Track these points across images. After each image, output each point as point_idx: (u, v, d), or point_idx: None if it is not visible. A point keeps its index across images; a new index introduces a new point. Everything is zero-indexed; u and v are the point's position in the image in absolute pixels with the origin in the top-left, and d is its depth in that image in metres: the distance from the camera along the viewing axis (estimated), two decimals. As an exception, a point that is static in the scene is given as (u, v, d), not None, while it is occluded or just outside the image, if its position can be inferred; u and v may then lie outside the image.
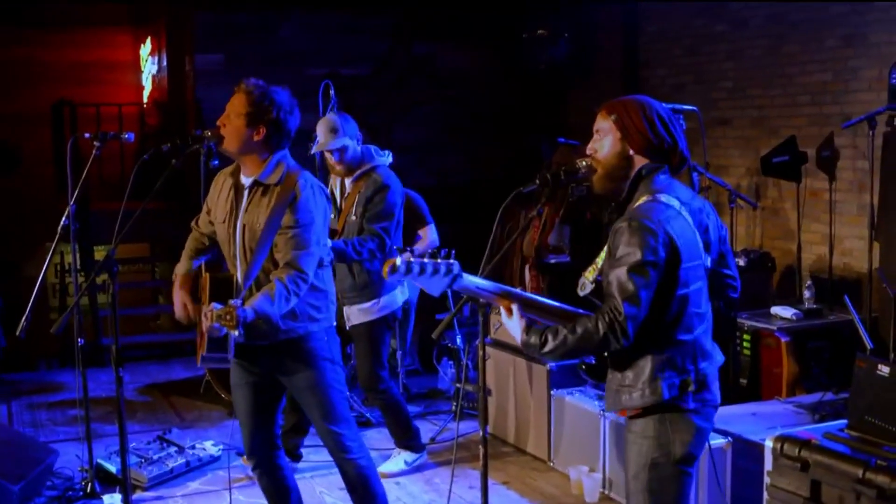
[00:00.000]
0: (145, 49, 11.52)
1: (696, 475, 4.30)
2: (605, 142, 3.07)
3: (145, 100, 11.48)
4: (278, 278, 3.68)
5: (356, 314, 5.38)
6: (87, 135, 5.06)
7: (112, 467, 5.33)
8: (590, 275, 3.08)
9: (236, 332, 3.50)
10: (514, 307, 3.05)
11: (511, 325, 3.06)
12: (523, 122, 10.26)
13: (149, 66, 11.42)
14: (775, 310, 6.10)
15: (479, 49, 10.26)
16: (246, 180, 3.86)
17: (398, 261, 2.79)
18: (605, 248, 3.04)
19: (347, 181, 5.40)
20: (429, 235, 6.72)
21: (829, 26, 7.10)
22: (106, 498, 5.02)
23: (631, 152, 3.03)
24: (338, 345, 4.09)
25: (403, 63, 10.14)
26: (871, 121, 5.74)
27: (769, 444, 4.06)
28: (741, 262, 6.70)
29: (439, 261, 2.84)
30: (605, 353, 3.07)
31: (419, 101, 10.19)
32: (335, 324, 4.08)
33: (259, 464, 4.11)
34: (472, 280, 2.98)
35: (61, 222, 4.89)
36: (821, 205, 7.11)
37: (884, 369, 4.00)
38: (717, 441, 4.48)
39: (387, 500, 4.24)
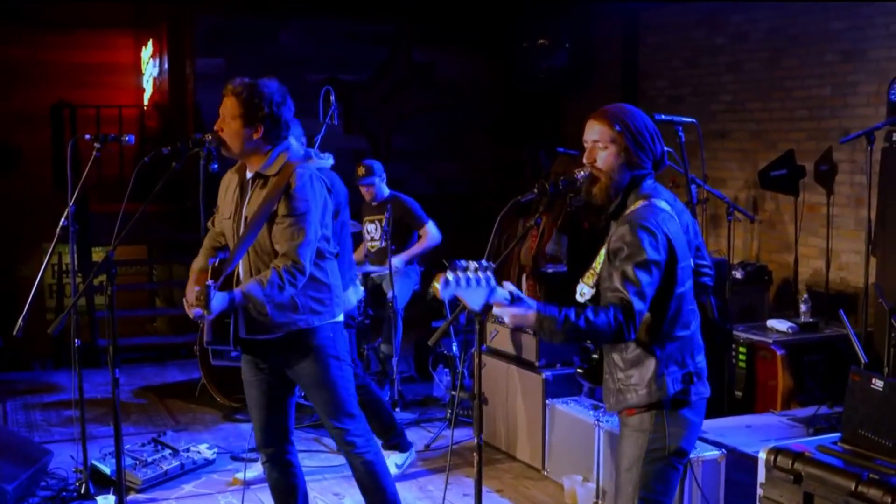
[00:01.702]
0: (146, 51, 11.53)
1: (688, 476, 4.33)
2: (606, 154, 3.10)
3: (145, 102, 11.49)
4: (274, 266, 3.72)
5: None
6: (87, 136, 5.06)
7: (106, 469, 5.33)
8: (588, 280, 3.16)
9: (208, 313, 3.54)
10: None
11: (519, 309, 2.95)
12: (521, 131, 10.28)
13: (150, 68, 11.43)
14: (771, 323, 6.11)
15: (478, 57, 10.29)
16: (249, 174, 3.91)
17: (450, 275, 2.84)
18: (603, 251, 3.11)
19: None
20: (430, 232, 6.78)
21: (829, 41, 7.14)
22: (100, 499, 5.01)
23: (627, 164, 3.10)
24: (346, 341, 4.10)
25: (402, 70, 10.17)
26: (870, 136, 5.75)
27: (762, 456, 4.07)
28: (738, 275, 6.72)
29: (480, 274, 2.87)
30: (604, 348, 3.16)
31: (418, 109, 10.21)
32: (341, 320, 4.07)
33: (269, 458, 4.11)
34: (502, 293, 2.96)
35: (60, 223, 4.89)
36: (818, 219, 7.13)
37: (878, 383, 4.01)
38: (710, 453, 4.48)
39: (396, 495, 4.22)
